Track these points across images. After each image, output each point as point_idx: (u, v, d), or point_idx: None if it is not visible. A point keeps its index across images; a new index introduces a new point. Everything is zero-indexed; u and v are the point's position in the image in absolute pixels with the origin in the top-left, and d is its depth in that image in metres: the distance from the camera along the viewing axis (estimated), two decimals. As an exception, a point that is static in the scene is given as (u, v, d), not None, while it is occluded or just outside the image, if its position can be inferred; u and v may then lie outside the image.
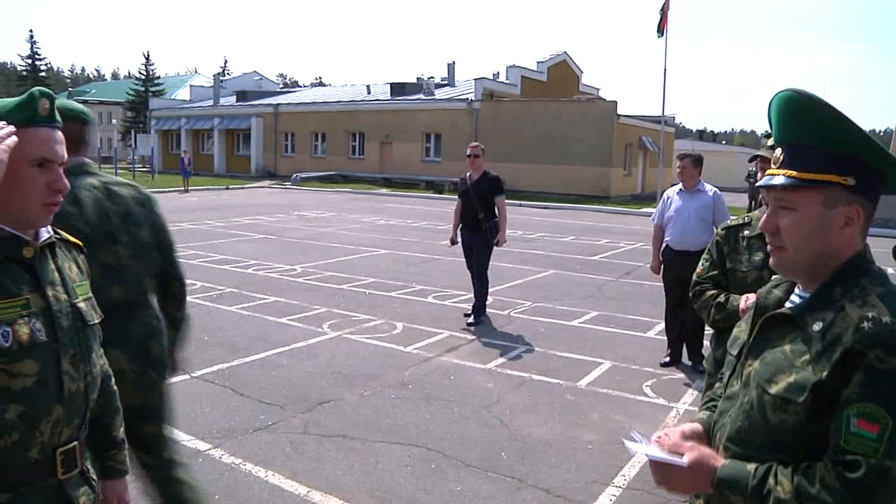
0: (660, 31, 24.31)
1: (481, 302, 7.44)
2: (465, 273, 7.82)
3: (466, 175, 7.47)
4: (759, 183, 1.42)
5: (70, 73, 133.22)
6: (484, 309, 7.51)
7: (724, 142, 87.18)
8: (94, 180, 2.48)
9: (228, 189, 29.34)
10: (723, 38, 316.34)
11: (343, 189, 29.78)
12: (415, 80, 38.82)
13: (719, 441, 1.39)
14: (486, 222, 7.27)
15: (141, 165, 40.67)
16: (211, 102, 43.67)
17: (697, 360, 5.94)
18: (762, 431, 1.29)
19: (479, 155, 7.35)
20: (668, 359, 6.10)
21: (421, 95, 35.34)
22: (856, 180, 1.29)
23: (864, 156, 1.29)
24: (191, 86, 51.81)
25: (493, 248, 7.44)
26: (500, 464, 4.06)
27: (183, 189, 26.61)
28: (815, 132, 1.30)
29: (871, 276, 1.30)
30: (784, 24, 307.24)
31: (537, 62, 36.21)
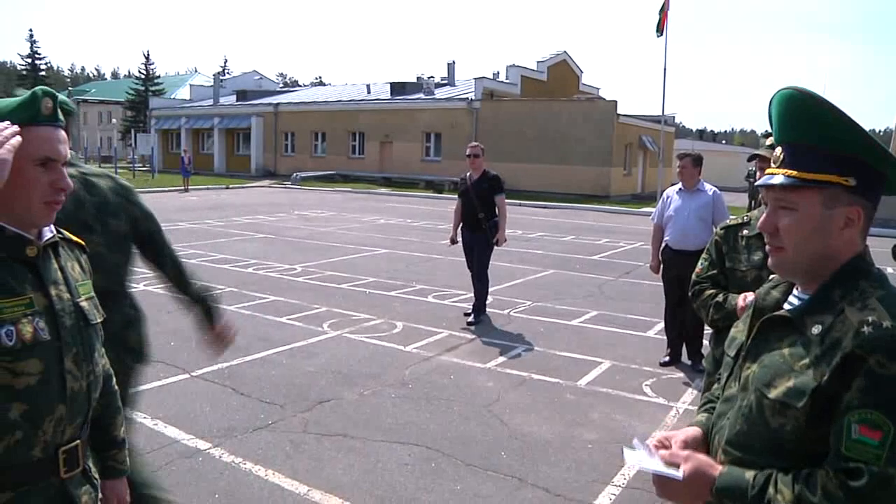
0: (659, 30, 24.28)
1: (481, 301, 7.45)
2: (464, 272, 7.82)
3: (466, 175, 7.47)
4: (759, 182, 1.40)
5: (70, 73, 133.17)
6: (484, 308, 7.52)
7: (724, 141, 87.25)
8: (72, 170, 2.49)
9: (228, 188, 29.34)
10: (723, 38, 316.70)
11: (343, 188, 29.78)
12: (415, 80, 38.82)
13: (718, 444, 1.38)
14: (487, 222, 7.28)
15: (141, 165, 40.66)
16: (211, 102, 43.67)
17: (697, 359, 5.95)
18: (761, 435, 1.28)
19: (478, 155, 7.36)
20: (667, 358, 6.11)
21: (421, 95, 35.33)
22: (856, 181, 1.27)
23: (865, 156, 1.27)
24: (191, 85, 51.81)
25: (493, 248, 7.45)
26: (500, 463, 4.07)
27: (183, 188, 26.62)
28: (815, 131, 1.28)
29: (871, 279, 1.28)
30: (784, 23, 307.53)
31: (537, 62, 36.21)
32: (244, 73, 50.26)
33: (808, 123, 1.29)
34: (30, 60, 71.49)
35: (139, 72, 60.72)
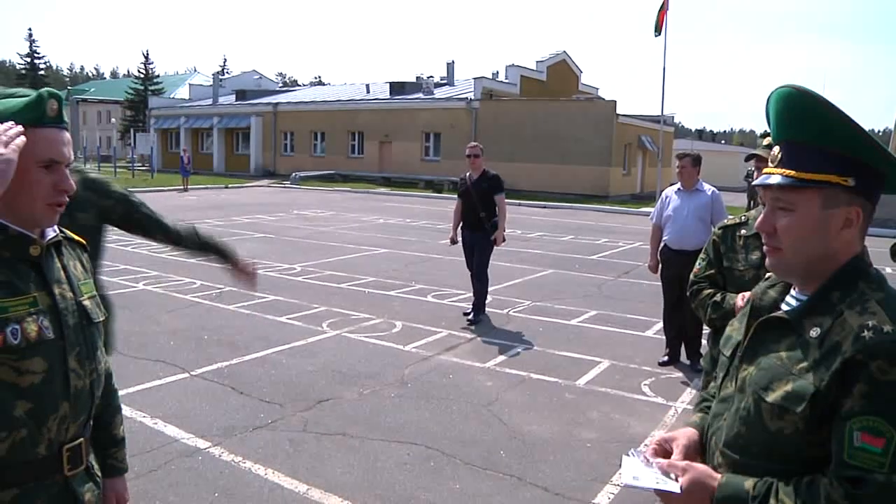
0: (657, 30, 24.31)
1: (481, 301, 7.46)
2: (464, 272, 7.84)
3: (466, 175, 7.50)
4: (756, 182, 1.37)
5: (69, 72, 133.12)
6: (483, 308, 7.53)
7: (724, 141, 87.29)
8: None
9: (228, 188, 29.34)
10: (722, 38, 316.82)
11: (342, 188, 29.79)
12: (414, 80, 38.83)
13: (715, 446, 1.37)
14: (488, 221, 7.30)
15: (140, 164, 40.64)
16: (210, 101, 43.65)
17: (696, 359, 5.96)
18: (759, 438, 1.27)
19: (478, 155, 7.39)
20: (666, 358, 6.12)
21: (420, 95, 35.34)
22: (855, 180, 1.25)
23: (864, 155, 1.25)
24: (190, 84, 51.81)
25: (493, 247, 7.47)
26: (499, 462, 4.08)
27: (182, 188, 26.62)
28: (814, 130, 1.26)
29: (870, 280, 1.27)
30: (784, 23, 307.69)
31: (537, 62, 36.24)
32: (243, 73, 50.24)
33: (806, 121, 1.27)
34: (29, 60, 71.60)
35: (138, 71, 60.74)
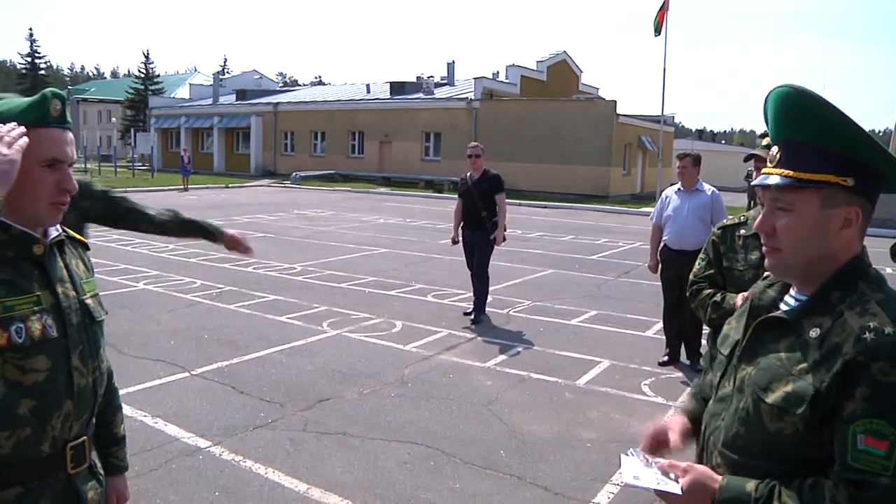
0: (657, 30, 24.29)
1: (482, 300, 7.47)
2: (464, 272, 7.84)
3: (467, 175, 7.51)
4: (755, 182, 1.38)
5: (70, 72, 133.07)
6: (484, 307, 7.54)
7: (724, 141, 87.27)
8: None
9: (228, 188, 29.35)
10: (722, 38, 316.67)
11: (342, 188, 29.79)
12: (414, 80, 38.82)
13: (713, 446, 1.36)
14: (489, 220, 7.31)
15: (140, 164, 40.65)
16: (210, 101, 43.66)
17: (696, 358, 5.96)
18: (759, 439, 1.26)
19: (479, 155, 7.41)
20: (666, 358, 6.13)
21: (420, 94, 35.34)
22: (854, 180, 1.24)
23: (865, 155, 1.25)
24: (190, 84, 51.84)
25: (493, 247, 7.48)
26: (499, 461, 4.08)
27: (182, 188, 26.64)
28: (812, 130, 1.26)
29: (870, 281, 1.26)
30: (784, 23, 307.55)
31: (537, 61, 36.23)
32: (244, 73, 50.26)
33: (805, 121, 1.26)
34: (30, 59, 71.65)
35: (139, 71, 60.76)
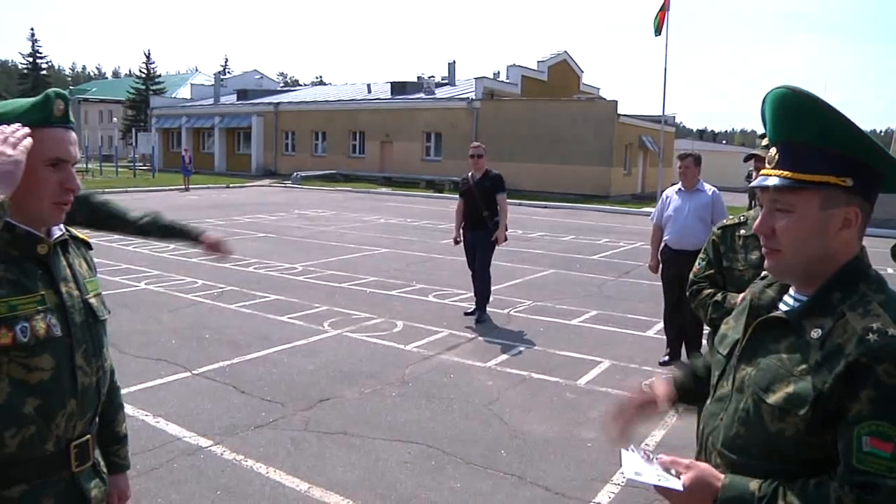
0: (657, 30, 24.27)
1: (485, 300, 7.47)
2: (465, 272, 7.85)
3: (469, 175, 7.52)
4: (753, 183, 1.37)
5: (71, 72, 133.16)
6: (485, 307, 7.54)
7: (725, 141, 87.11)
8: None
9: (229, 187, 29.35)
10: (723, 38, 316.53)
11: (343, 188, 29.80)
12: (415, 80, 38.83)
13: (712, 446, 1.35)
14: (490, 220, 7.32)
15: (142, 164, 40.69)
16: (212, 101, 43.69)
17: (696, 359, 5.96)
18: (759, 439, 1.26)
19: (481, 155, 7.42)
20: (667, 357, 6.13)
21: (421, 94, 35.35)
22: (853, 181, 1.23)
23: (865, 155, 1.24)
24: (191, 84, 51.86)
25: (495, 247, 7.49)
26: (500, 461, 4.09)
27: (184, 187, 26.64)
28: (810, 130, 1.25)
29: (869, 281, 1.26)
30: (785, 23, 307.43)
31: (538, 61, 36.23)
32: (245, 73, 50.29)
33: (802, 120, 1.26)
34: (31, 59, 71.68)
35: (140, 71, 60.85)
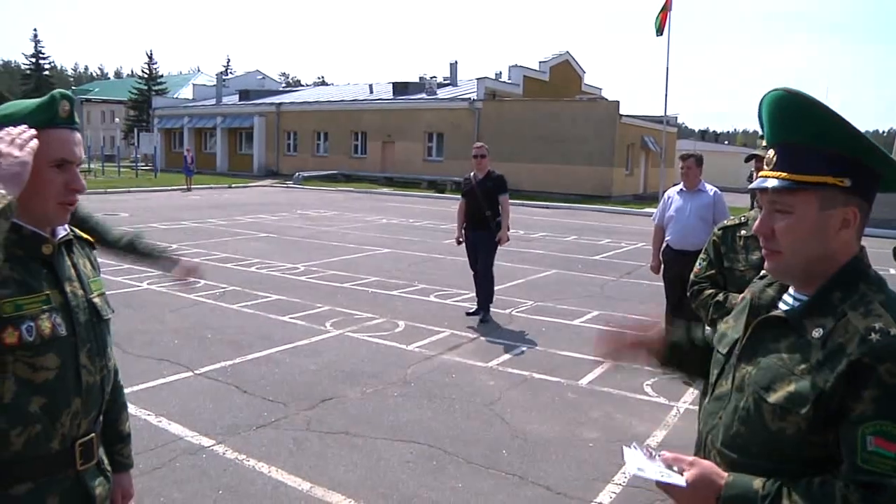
0: (659, 30, 24.27)
1: (488, 300, 7.48)
2: (466, 272, 7.86)
3: (471, 175, 7.54)
4: (752, 185, 1.37)
5: (73, 72, 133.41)
6: (489, 308, 7.54)
7: (727, 142, 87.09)
8: None
9: (231, 188, 29.39)
10: (725, 38, 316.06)
11: (345, 188, 29.81)
12: (417, 80, 38.88)
13: (711, 445, 1.36)
14: (493, 221, 7.33)
15: (144, 164, 40.74)
16: (214, 101, 43.73)
17: (697, 359, 5.96)
18: (759, 438, 1.26)
19: (484, 155, 7.44)
20: (668, 358, 6.12)
21: (423, 95, 35.37)
22: (851, 181, 1.24)
23: (864, 156, 1.25)
24: (194, 84, 51.91)
25: (497, 247, 7.50)
26: (501, 461, 4.10)
27: (186, 187, 26.69)
28: (807, 131, 1.26)
29: (869, 281, 1.26)
30: (786, 23, 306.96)
31: (539, 62, 36.22)
32: (247, 73, 50.38)
33: (798, 122, 1.27)
34: (34, 60, 71.82)
35: (142, 71, 60.94)
